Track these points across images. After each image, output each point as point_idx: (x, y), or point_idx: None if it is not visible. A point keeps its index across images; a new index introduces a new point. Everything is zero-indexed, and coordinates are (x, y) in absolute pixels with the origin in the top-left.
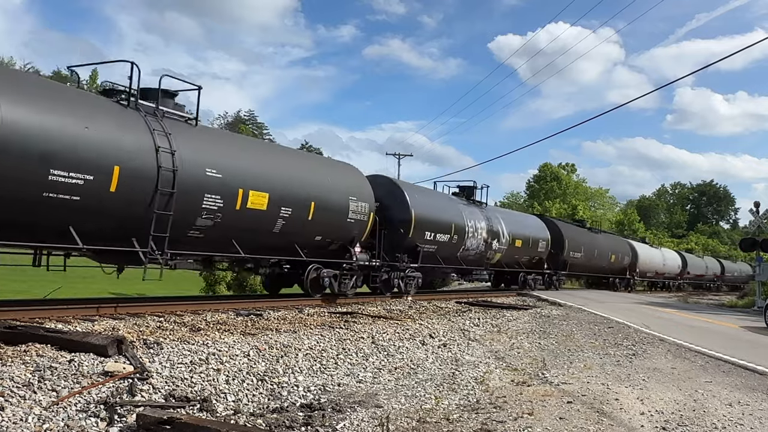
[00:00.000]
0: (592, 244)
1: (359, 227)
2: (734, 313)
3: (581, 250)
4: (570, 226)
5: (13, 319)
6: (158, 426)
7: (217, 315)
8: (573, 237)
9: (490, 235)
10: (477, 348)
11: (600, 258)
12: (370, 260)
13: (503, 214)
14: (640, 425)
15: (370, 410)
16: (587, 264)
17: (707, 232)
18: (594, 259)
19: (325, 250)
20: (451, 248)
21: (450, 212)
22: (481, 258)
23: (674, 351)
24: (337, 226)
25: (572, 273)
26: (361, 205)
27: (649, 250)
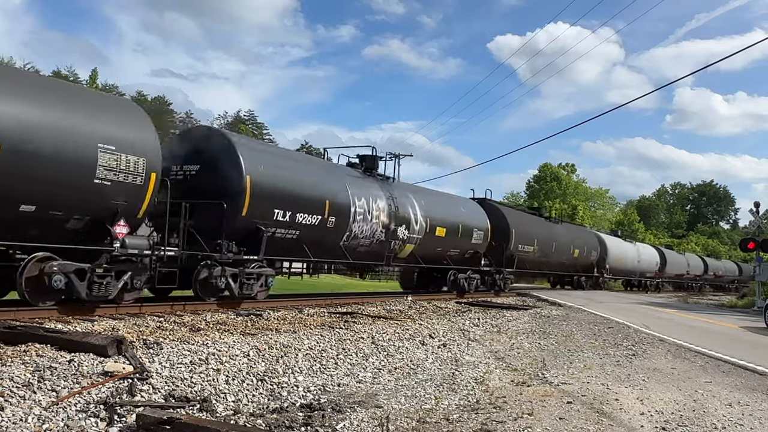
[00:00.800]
0: (548, 236)
1: (124, 191)
2: (734, 313)
3: (534, 243)
4: (519, 213)
5: (13, 319)
6: (158, 426)
7: (217, 315)
8: (522, 226)
9: (393, 219)
10: (477, 348)
11: (559, 252)
12: (158, 247)
13: (420, 194)
14: (640, 425)
15: (370, 410)
16: (542, 260)
17: (707, 232)
18: (552, 254)
19: None
20: (326, 234)
21: (325, 185)
22: (382, 250)
23: (674, 351)
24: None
25: (522, 270)
26: (128, 158)
27: (622, 245)
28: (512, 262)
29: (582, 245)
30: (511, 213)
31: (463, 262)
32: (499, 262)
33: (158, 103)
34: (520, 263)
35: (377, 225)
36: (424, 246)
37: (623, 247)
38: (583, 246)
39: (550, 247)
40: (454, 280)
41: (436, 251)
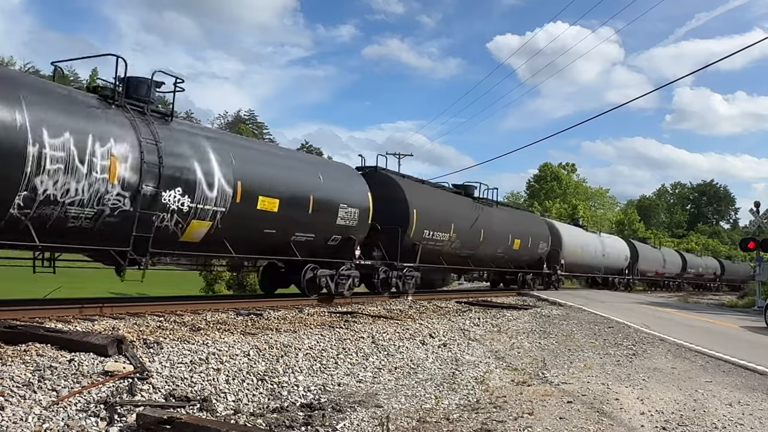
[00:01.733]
0: (475, 222)
1: None
2: (734, 313)
3: (450, 230)
4: (427, 190)
5: (14, 319)
6: (158, 426)
7: (217, 315)
8: (430, 207)
9: (149, 176)
10: (477, 348)
11: (491, 243)
12: None
13: (227, 144)
14: (640, 425)
15: (370, 410)
16: (464, 252)
17: (707, 232)
18: (480, 246)
19: None
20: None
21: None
22: (125, 227)
23: (674, 351)
24: None
25: (431, 266)
26: None
27: (582, 236)
28: (414, 254)
29: (526, 235)
30: (413, 188)
31: (328, 252)
32: (393, 254)
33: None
34: (427, 256)
35: (109, 185)
36: (238, 225)
37: (583, 238)
38: (527, 236)
39: (476, 236)
40: (312, 278)
41: (266, 234)
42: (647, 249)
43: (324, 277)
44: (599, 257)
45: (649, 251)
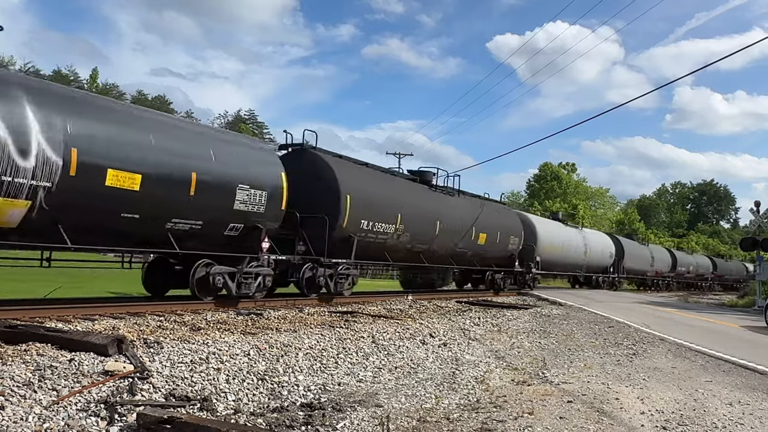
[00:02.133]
0: (429, 212)
1: None
2: (735, 312)
3: (396, 220)
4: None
5: (14, 319)
6: (158, 425)
7: (218, 314)
8: (368, 192)
9: None
10: (477, 347)
11: (450, 237)
12: None
13: (64, 98)
14: (641, 425)
15: (371, 409)
16: (415, 247)
17: (708, 231)
18: (436, 239)
19: None
20: None
21: None
22: None
23: (674, 350)
24: None
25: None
26: None
27: (560, 231)
28: (350, 247)
29: (493, 228)
30: (347, 170)
31: (226, 245)
32: (320, 249)
33: (159, 102)
34: (367, 250)
35: None
36: (77, 207)
37: (563, 233)
38: (495, 230)
39: (430, 229)
40: (204, 277)
41: (125, 220)
42: (634, 246)
43: (220, 275)
44: (580, 254)
45: (635, 248)
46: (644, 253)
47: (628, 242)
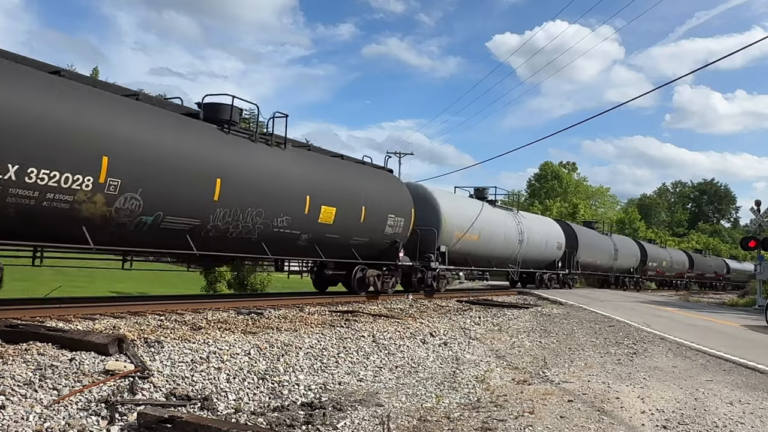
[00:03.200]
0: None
1: None
2: (735, 311)
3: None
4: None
5: (14, 318)
6: (159, 424)
7: (218, 314)
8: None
9: None
10: (478, 346)
11: (244, 207)
12: None
13: None
14: (641, 424)
15: (371, 409)
16: (235, 227)
17: (708, 230)
18: (215, 210)
19: None
20: None
21: None
22: None
23: (675, 350)
24: None
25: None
26: None
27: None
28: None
29: (353, 201)
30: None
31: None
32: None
33: None
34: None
35: None
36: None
37: (483, 216)
38: (356, 203)
39: (206, 193)
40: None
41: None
42: (592, 236)
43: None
44: (513, 244)
45: (594, 238)
46: (605, 244)
47: (584, 231)
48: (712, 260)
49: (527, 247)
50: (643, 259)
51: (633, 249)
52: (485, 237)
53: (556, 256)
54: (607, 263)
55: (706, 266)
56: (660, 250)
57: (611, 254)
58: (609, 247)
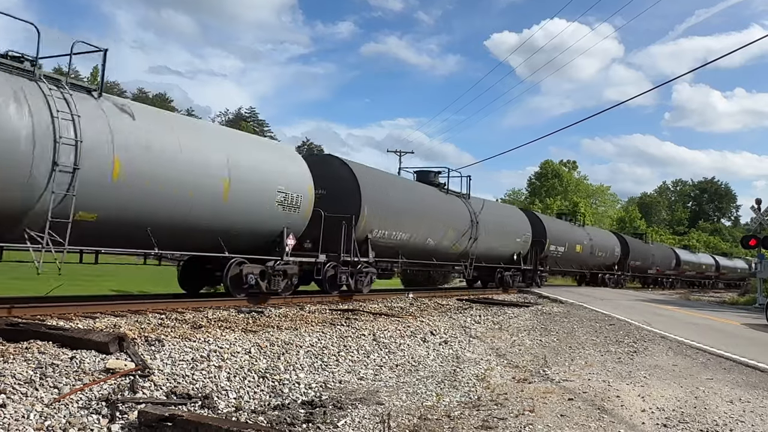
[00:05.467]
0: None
1: None
2: (735, 310)
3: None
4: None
5: (15, 317)
6: (160, 423)
7: (219, 312)
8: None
9: None
10: (478, 345)
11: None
12: None
13: None
14: (641, 422)
15: (372, 407)
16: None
17: (709, 229)
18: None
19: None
20: None
21: None
22: None
23: (675, 348)
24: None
25: None
26: None
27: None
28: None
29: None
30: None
31: None
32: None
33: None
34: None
35: None
36: None
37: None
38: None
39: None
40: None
41: None
42: (561, 227)
43: None
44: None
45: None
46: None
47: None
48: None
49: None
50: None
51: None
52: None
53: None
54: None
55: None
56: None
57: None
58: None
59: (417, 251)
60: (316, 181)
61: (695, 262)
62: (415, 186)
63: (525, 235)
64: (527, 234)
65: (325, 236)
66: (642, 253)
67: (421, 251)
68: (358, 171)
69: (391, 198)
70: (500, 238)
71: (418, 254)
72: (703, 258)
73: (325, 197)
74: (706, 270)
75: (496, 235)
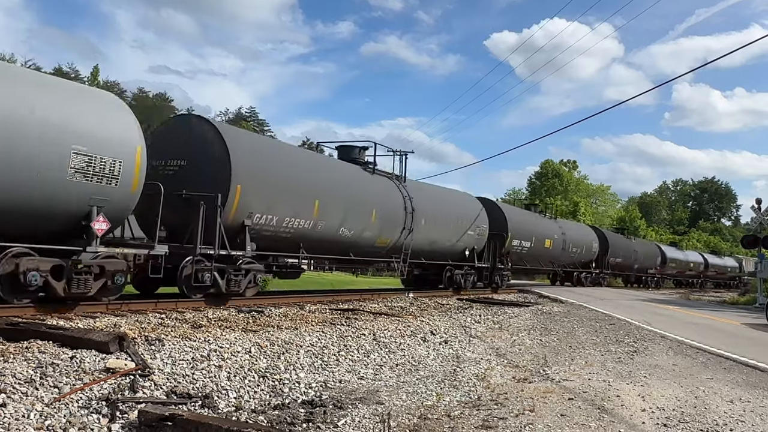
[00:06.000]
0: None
1: None
2: (736, 310)
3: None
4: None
5: (15, 316)
6: (160, 422)
7: (219, 312)
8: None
9: None
10: (478, 345)
11: None
12: None
13: None
14: (641, 422)
15: (372, 407)
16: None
17: (709, 228)
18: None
19: None
20: None
21: None
22: None
23: (675, 348)
24: None
25: None
26: None
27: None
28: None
29: None
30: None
31: None
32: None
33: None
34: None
35: None
36: None
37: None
38: None
39: None
40: None
41: None
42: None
43: None
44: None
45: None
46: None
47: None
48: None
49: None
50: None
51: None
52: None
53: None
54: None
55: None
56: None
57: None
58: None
59: (326, 243)
60: (173, 150)
61: (682, 259)
62: (324, 160)
63: (480, 227)
64: (483, 226)
65: (182, 222)
66: (623, 249)
67: (333, 243)
68: (228, 135)
69: (283, 173)
70: (447, 229)
71: (328, 247)
72: (691, 255)
73: (186, 170)
74: (694, 268)
75: (441, 225)
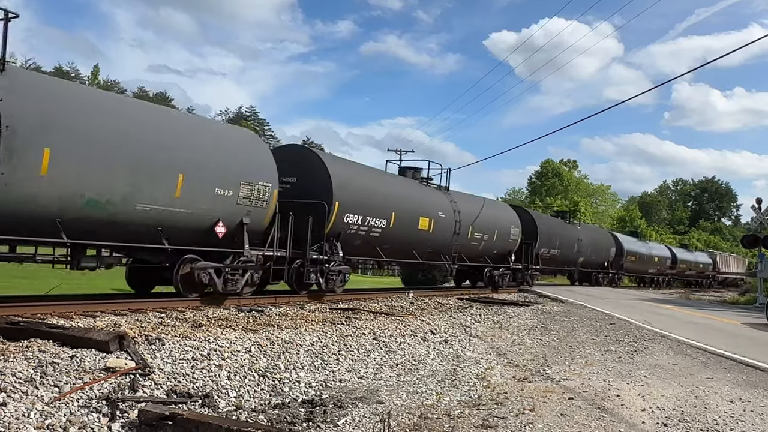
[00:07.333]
0: None
1: None
2: (736, 309)
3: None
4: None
5: (16, 315)
6: (160, 421)
7: (219, 311)
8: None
9: None
10: (478, 344)
11: None
12: None
13: None
14: (641, 421)
15: (372, 406)
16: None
17: (709, 228)
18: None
19: None
20: None
21: None
22: None
23: (675, 347)
24: None
25: None
26: None
27: None
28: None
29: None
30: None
31: None
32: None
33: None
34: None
35: None
36: None
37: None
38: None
39: None
40: None
41: None
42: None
43: None
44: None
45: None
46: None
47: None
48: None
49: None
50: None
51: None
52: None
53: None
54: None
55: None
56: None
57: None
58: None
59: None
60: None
61: (644, 253)
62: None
63: (514, 232)
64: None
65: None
66: (559, 236)
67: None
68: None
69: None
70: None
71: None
72: (656, 249)
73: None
74: (659, 263)
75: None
